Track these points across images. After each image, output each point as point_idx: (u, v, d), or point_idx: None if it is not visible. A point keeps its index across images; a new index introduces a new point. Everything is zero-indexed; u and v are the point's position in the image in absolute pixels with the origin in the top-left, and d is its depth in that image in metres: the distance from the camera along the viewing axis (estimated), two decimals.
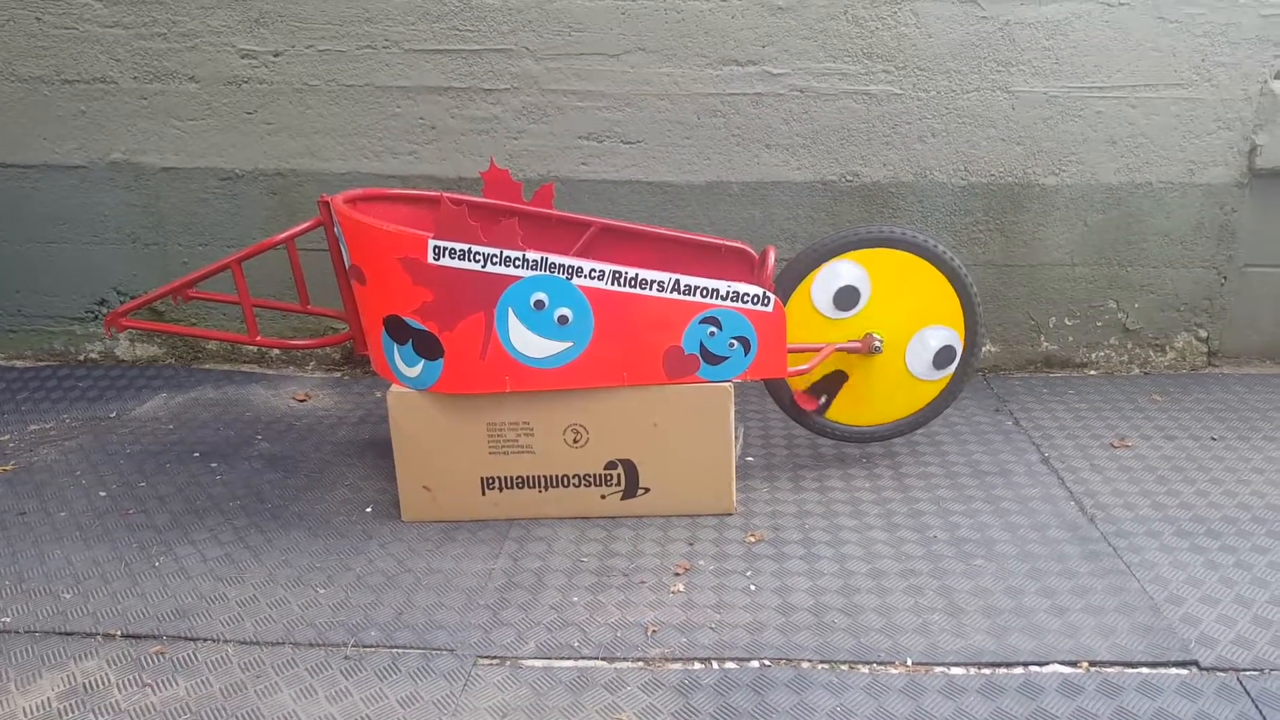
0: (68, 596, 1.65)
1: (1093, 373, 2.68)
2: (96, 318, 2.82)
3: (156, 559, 1.77)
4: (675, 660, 1.49)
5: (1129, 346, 2.67)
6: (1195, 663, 1.44)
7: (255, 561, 1.77)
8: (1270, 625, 1.53)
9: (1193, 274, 2.59)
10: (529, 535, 1.86)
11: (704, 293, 1.79)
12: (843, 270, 1.96)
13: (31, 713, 1.38)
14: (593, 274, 1.75)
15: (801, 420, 2.06)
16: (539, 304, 1.75)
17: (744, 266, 2.19)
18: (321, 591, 1.67)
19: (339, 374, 2.77)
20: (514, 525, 1.89)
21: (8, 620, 1.59)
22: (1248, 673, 1.42)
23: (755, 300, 1.81)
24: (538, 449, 1.87)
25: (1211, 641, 1.49)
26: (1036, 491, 1.99)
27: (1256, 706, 1.35)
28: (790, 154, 2.53)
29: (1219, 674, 1.42)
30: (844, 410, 2.07)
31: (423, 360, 1.80)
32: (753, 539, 1.83)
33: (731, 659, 1.48)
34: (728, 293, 1.80)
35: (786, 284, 1.99)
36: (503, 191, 2.22)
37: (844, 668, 1.46)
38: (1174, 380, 2.58)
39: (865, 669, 1.46)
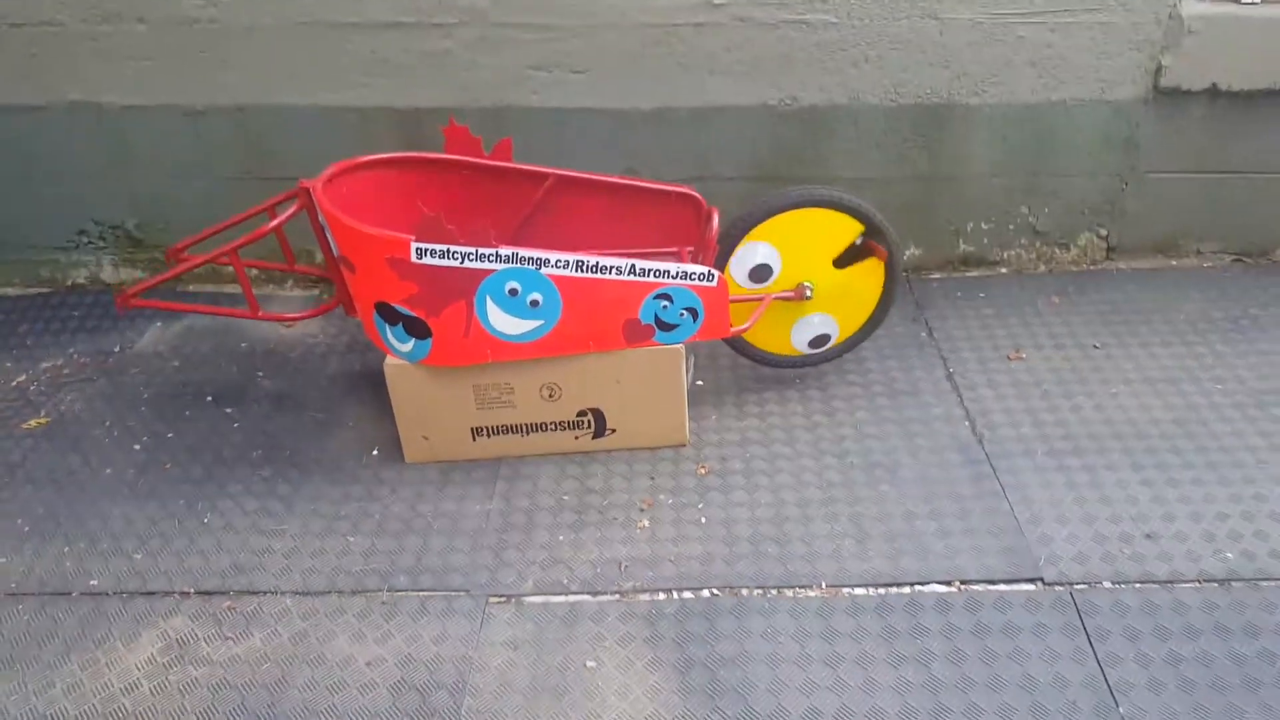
0: (138, 557, 2.00)
1: (1004, 270, 3.00)
2: (79, 246, 2.97)
3: (204, 515, 2.10)
4: (643, 592, 1.89)
5: (1037, 246, 2.98)
6: (1040, 578, 1.88)
7: (288, 512, 2.11)
8: (1104, 541, 1.96)
9: (1098, 181, 2.86)
10: (516, 474, 2.21)
11: (657, 274, 2.05)
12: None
13: (142, 668, 1.75)
14: (559, 264, 2.00)
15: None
16: (513, 291, 2.01)
17: (690, 210, 2.42)
18: (351, 540, 2.03)
19: (318, 290, 2.99)
20: (502, 464, 2.24)
21: (95, 584, 1.93)
22: (1078, 586, 1.86)
23: (701, 277, 2.08)
24: (518, 404, 2.18)
25: (1056, 559, 1.92)
26: (940, 411, 2.36)
27: (1079, 615, 1.80)
28: (733, 80, 2.68)
29: (1056, 588, 1.86)
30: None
31: (413, 339, 2.07)
32: (702, 471, 2.20)
33: (688, 589, 1.89)
34: (677, 273, 2.06)
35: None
36: (463, 147, 2.38)
37: (774, 593, 1.88)
38: (1074, 279, 2.91)
39: (790, 593, 1.88)
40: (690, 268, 2.06)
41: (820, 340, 2.39)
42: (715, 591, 1.89)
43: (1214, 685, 1.66)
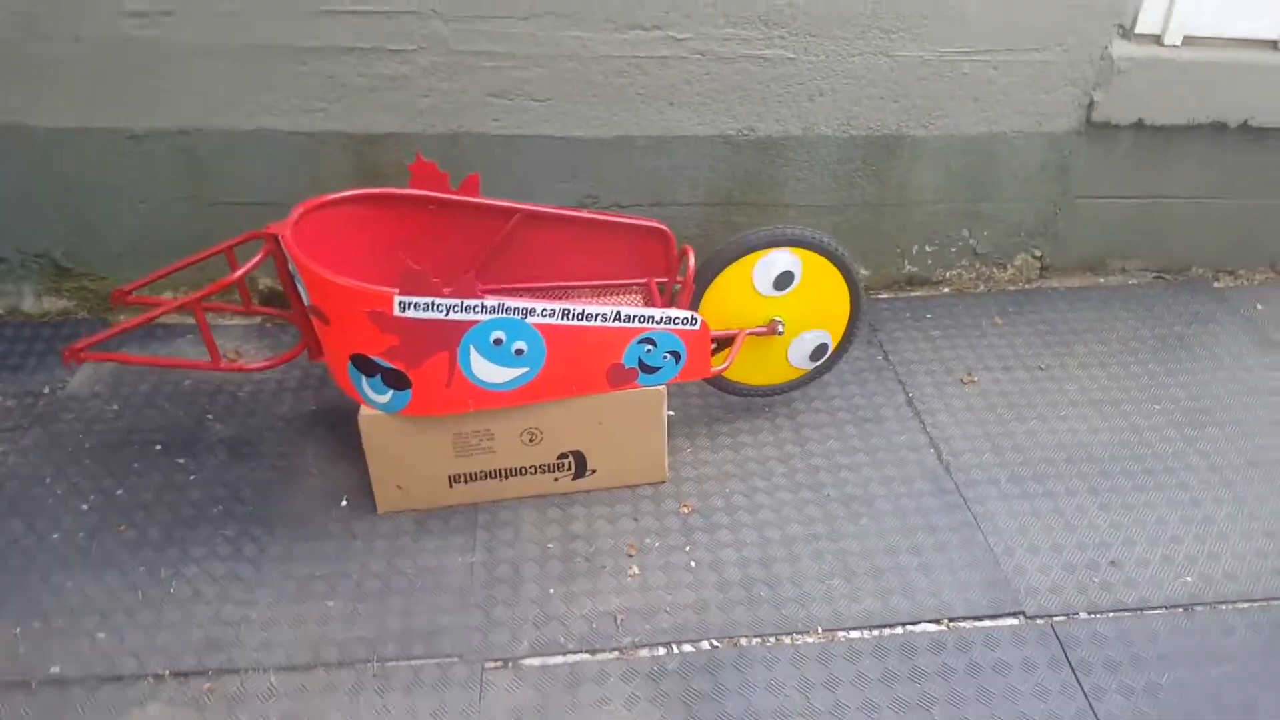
0: (101, 636, 1.87)
1: (946, 290, 3.10)
2: None
3: (169, 584, 1.98)
4: (643, 647, 1.89)
5: (977, 266, 3.09)
6: (1023, 612, 1.97)
7: (259, 576, 2.01)
8: (1074, 570, 2.06)
9: (1033, 206, 2.98)
10: (495, 520, 2.17)
11: (641, 319, 2.04)
12: (779, 258, 2.26)
13: None
14: (544, 313, 1.96)
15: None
16: (498, 341, 1.96)
17: (659, 243, 2.41)
18: (330, 604, 1.95)
19: (259, 320, 2.86)
20: (479, 510, 2.19)
21: (57, 670, 1.80)
22: (1057, 618, 1.96)
23: (685, 321, 2.08)
24: (498, 449, 2.14)
25: (1034, 591, 2.01)
26: (904, 439, 2.43)
27: (1063, 648, 1.89)
28: (692, 111, 2.68)
29: (1038, 621, 1.95)
30: (737, 373, 2.42)
31: (391, 390, 2.00)
32: (685, 509, 2.21)
33: (688, 641, 1.90)
34: (661, 318, 2.05)
35: (706, 276, 2.26)
36: (430, 182, 2.30)
37: (772, 640, 1.90)
38: (1011, 298, 3.04)
39: (788, 640, 1.91)
40: (674, 312, 2.06)
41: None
42: (715, 643, 1.90)
43: (1190, 715, 1.77)
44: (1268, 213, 3.09)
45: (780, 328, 2.33)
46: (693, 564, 2.07)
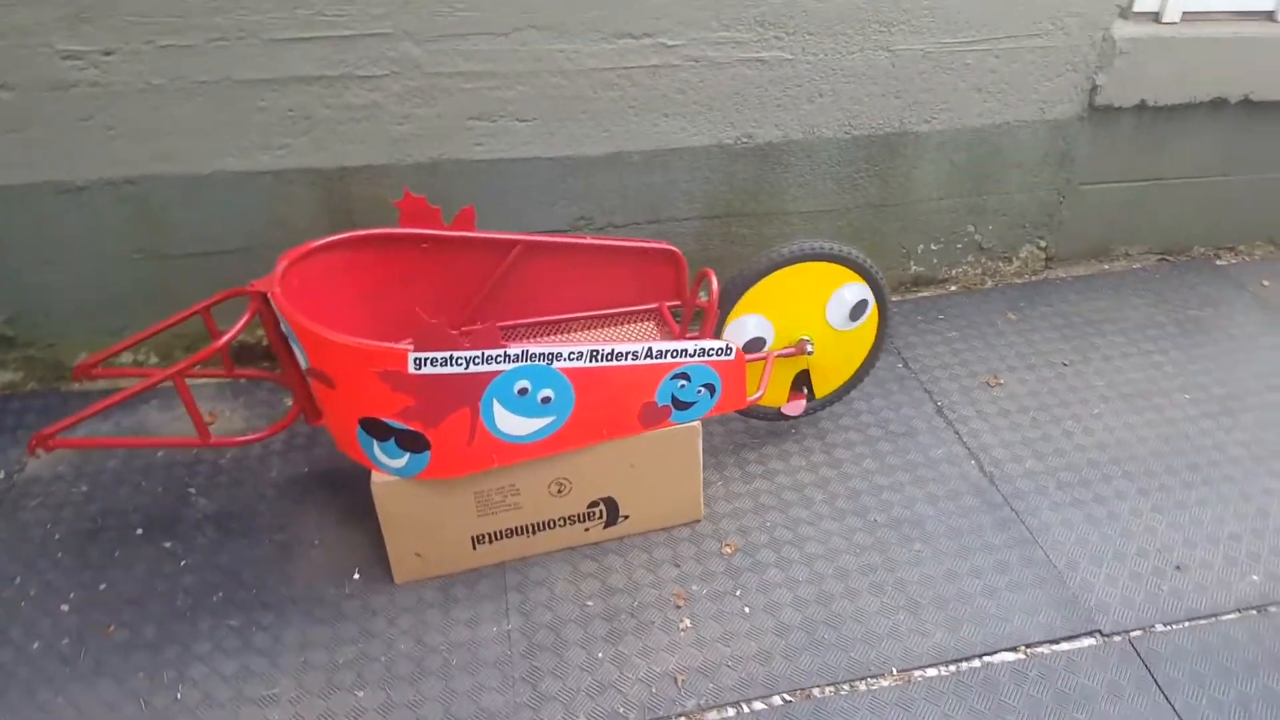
0: None
1: (953, 288, 3.01)
2: None
3: (174, 690, 1.78)
4: (710, 709, 1.74)
5: (983, 261, 3.00)
6: (1099, 630, 1.86)
7: (275, 669, 1.82)
8: (1140, 579, 1.97)
9: (1037, 196, 2.90)
10: (526, 580, 2.00)
11: (674, 354, 1.88)
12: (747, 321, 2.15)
13: None
14: (571, 356, 1.80)
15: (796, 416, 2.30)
16: (523, 391, 1.79)
17: (669, 266, 2.27)
18: (361, 695, 1.77)
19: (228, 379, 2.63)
20: (507, 570, 2.02)
21: None
22: (1134, 633, 1.86)
23: (720, 353, 1.93)
24: (525, 504, 1.97)
25: (1106, 607, 1.91)
26: (941, 452, 2.32)
27: (1146, 667, 1.79)
28: (688, 120, 2.54)
29: (1115, 639, 1.85)
30: (820, 388, 2.32)
31: (407, 453, 1.82)
32: (728, 550, 2.07)
33: (757, 699, 1.75)
34: (695, 350, 1.90)
35: (725, 306, 2.12)
36: (421, 219, 2.13)
37: (846, 688, 1.77)
38: (1020, 291, 2.96)
39: (862, 685, 1.77)
40: (708, 344, 1.91)
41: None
42: (787, 697, 1.76)
43: None
44: (1265, 188, 3.05)
45: (809, 347, 2.19)
46: (746, 609, 1.93)
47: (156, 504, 2.20)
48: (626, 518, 2.07)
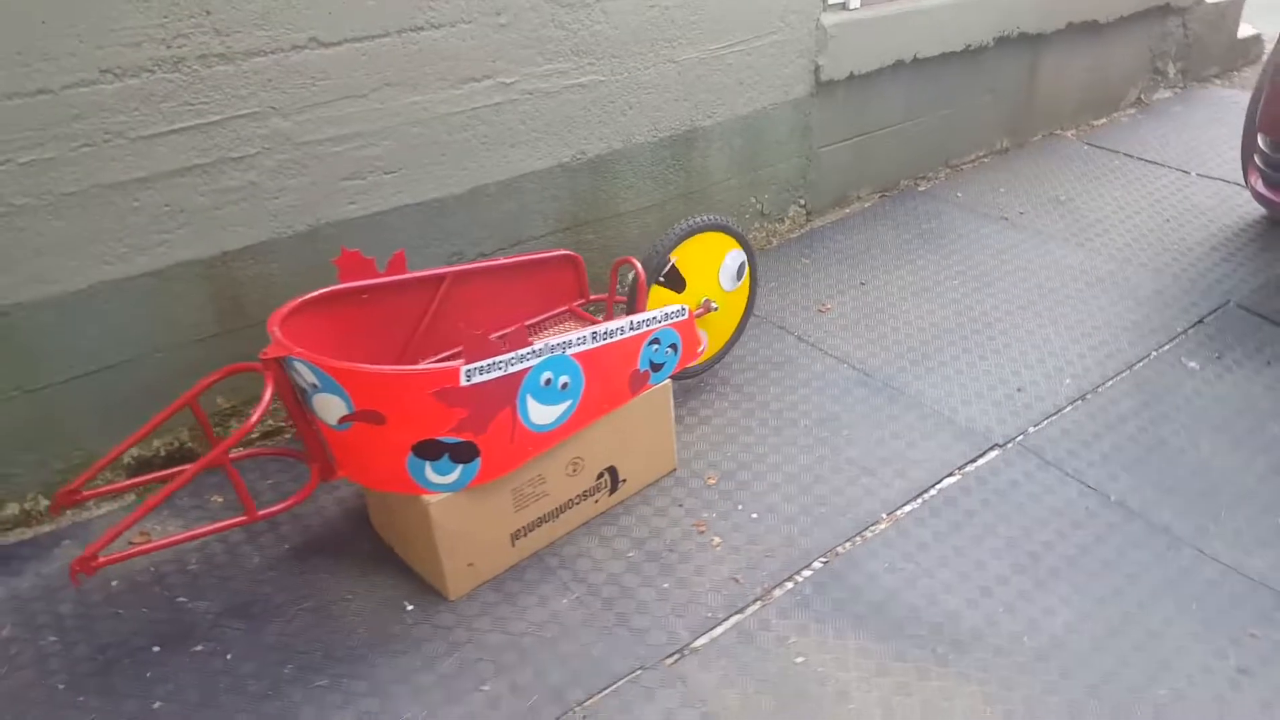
0: None
1: None
2: None
3: None
4: (775, 588, 2.09)
5: (766, 225, 3.62)
6: (997, 444, 2.47)
7: (389, 702, 1.87)
8: (1000, 405, 2.62)
9: (793, 164, 3.57)
10: (564, 560, 2.20)
11: (649, 322, 2.21)
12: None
13: None
14: (579, 341, 2.06)
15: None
16: (547, 381, 2.03)
17: (570, 269, 2.58)
18: (486, 688, 1.88)
19: (133, 496, 2.49)
20: (543, 558, 2.21)
21: None
22: (1018, 438, 2.49)
23: (677, 314, 2.29)
24: (550, 490, 2.18)
25: (990, 429, 2.53)
26: (820, 367, 2.85)
27: (1038, 456, 2.42)
28: (531, 148, 2.85)
29: (1009, 446, 2.47)
30: (717, 340, 2.72)
31: (459, 465, 1.97)
32: (711, 481, 2.42)
33: (802, 569, 2.13)
34: (661, 316, 2.25)
35: (651, 277, 2.48)
36: (358, 271, 2.25)
37: (858, 539, 2.21)
38: (800, 243, 3.60)
39: (868, 533, 2.22)
40: (670, 308, 2.26)
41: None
42: (822, 560, 2.15)
43: (1156, 452, 2.39)
44: (936, 125, 3.98)
45: (713, 304, 2.62)
46: (754, 516, 2.29)
47: (154, 622, 2.08)
48: (624, 481, 2.35)
